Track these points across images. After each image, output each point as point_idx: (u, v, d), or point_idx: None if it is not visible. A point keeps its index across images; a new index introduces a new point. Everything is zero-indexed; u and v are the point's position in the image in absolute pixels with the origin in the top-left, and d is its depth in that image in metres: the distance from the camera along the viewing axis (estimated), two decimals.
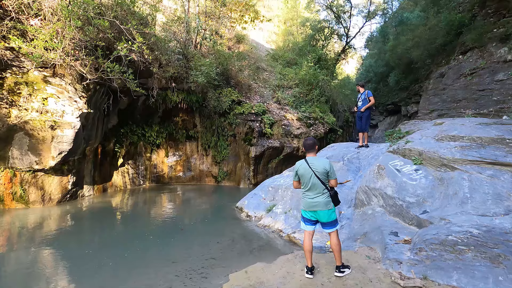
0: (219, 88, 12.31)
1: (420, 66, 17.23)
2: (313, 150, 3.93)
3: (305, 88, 15.75)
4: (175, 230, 6.57)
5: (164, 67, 10.41)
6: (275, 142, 12.84)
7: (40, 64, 7.44)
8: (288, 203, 6.80)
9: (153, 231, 6.44)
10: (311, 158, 3.87)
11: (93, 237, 6.36)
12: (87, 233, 6.63)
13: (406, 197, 4.85)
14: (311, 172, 3.76)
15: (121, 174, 11.25)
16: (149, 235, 6.14)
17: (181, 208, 8.90)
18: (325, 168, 3.74)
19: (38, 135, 7.70)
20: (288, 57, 18.73)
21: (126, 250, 5.27)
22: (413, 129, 9.01)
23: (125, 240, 5.91)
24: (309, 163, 3.80)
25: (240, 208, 8.01)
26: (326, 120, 14.98)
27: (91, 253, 5.24)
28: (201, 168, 12.93)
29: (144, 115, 11.62)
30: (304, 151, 4.05)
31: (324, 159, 3.86)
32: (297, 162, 4.03)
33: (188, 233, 6.31)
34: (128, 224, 7.24)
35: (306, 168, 3.80)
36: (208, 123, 12.56)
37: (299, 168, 3.89)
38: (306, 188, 3.85)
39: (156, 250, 5.31)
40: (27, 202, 7.91)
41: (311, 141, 3.95)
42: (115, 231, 6.73)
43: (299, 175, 3.91)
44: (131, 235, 6.28)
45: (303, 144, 4.11)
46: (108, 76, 7.81)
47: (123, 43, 7.13)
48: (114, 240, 6.01)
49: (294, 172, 4.01)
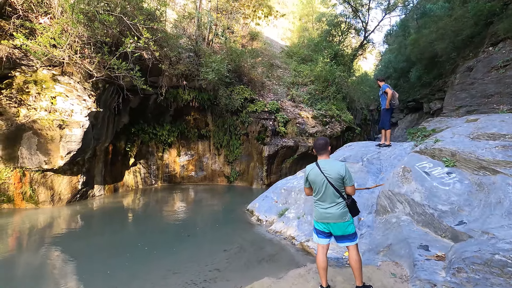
0: (231, 86, 11.85)
1: (445, 60, 16.06)
2: (325, 151, 3.35)
3: (321, 85, 15.02)
4: (182, 235, 6.15)
5: (175, 64, 10.05)
6: (289, 141, 12.25)
7: (45, 62, 7.23)
8: (301, 207, 6.22)
9: (159, 237, 6.06)
10: (323, 161, 3.29)
11: (97, 240, 6.03)
12: (92, 236, 6.31)
13: (437, 205, 4.16)
14: (323, 178, 3.19)
15: (133, 174, 11.04)
16: (155, 241, 5.75)
17: (191, 210, 8.51)
18: (340, 172, 3.16)
19: (47, 134, 7.52)
20: (303, 54, 18.01)
21: (128, 258, 4.90)
22: (440, 126, 8.18)
23: (129, 246, 5.54)
24: (321, 168, 3.23)
25: (251, 211, 7.50)
26: (343, 118, 14.22)
27: (91, 259, 4.91)
28: (213, 167, 12.53)
29: (155, 114, 11.34)
30: (315, 153, 3.48)
31: (338, 162, 3.27)
32: (307, 166, 3.46)
33: (195, 239, 5.87)
34: (135, 228, 6.91)
35: (318, 173, 3.23)
36: (220, 122, 12.14)
37: (310, 173, 3.33)
38: (318, 196, 3.29)
39: (159, 258, 4.89)
40: (37, 202, 7.77)
41: (323, 141, 3.37)
42: (120, 235, 6.38)
43: (310, 181, 3.35)
44: (135, 240, 5.91)
45: (313, 145, 3.54)
46: (115, 74, 7.50)
47: (129, 39, 6.78)
48: (118, 245, 5.66)
49: (304, 177, 3.45)
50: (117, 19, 7.14)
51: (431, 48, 16.98)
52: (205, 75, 9.96)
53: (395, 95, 7.03)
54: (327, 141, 3.38)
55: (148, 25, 7.50)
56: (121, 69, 7.33)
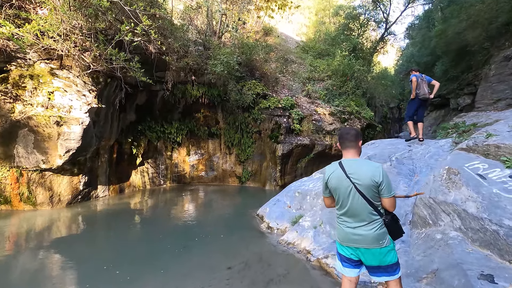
0: (242, 81, 10.97)
1: (476, 50, 14.43)
2: (354, 146, 2.39)
3: (339, 80, 13.88)
4: (181, 246, 5.31)
5: (182, 58, 9.29)
6: (304, 139, 11.22)
7: (43, 55, 6.65)
8: (318, 214, 5.23)
9: (155, 247, 5.25)
10: (350, 161, 2.32)
11: (89, 247, 5.32)
12: (86, 242, 5.62)
13: (503, 219, 3.06)
14: (350, 185, 2.23)
15: (140, 174, 10.40)
16: (149, 252, 4.95)
17: (198, 214, 7.70)
18: (374, 178, 2.17)
19: (43, 131, 6.94)
20: (320, 48, 16.88)
21: (115, 273, 4.11)
22: (482, 121, 6.93)
23: (119, 257, 4.78)
24: (347, 170, 2.25)
25: (261, 216, 6.58)
26: (363, 114, 13.01)
27: (76, 270, 4.18)
28: (224, 167, 11.71)
29: (163, 111, 10.65)
30: (339, 148, 2.49)
31: (371, 163, 2.28)
32: (327, 167, 2.49)
33: (195, 250, 4.99)
34: (131, 235, 6.13)
35: (342, 178, 2.27)
36: (231, 119, 11.28)
37: (331, 178, 2.35)
38: (343, 210, 2.33)
39: (148, 275, 4.07)
40: (35, 204, 7.21)
41: (352, 131, 2.40)
42: (112, 243, 5.63)
43: (330, 188, 2.39)
44: (128, 250, 5.14)
45: (338, 136, 2.55)
46: (112, 65, 6.80)
47: (125, 25, 6.04)
48: (108, 254, 4.91)
49: (323, 183, 2.49)
50: (114, 4, 6.41)
51: (459, 39, 15.37)
52: (213, 68, 9.12)
53: (421, 85, 6.20)
54: (358, 132, 2.41)
55: (148, 11, 6.73)
56: (118, 60, 6.61)
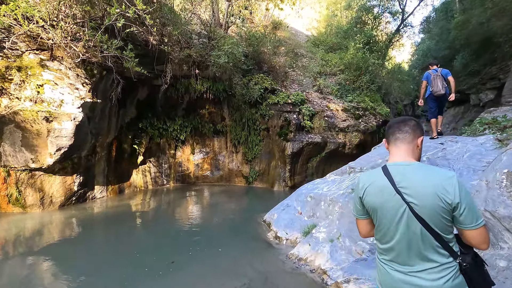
0: (249, 74, 10.13)
1: (503, 41, 13.13)
2: (409, 142, 1.49)
3: (352, 74, 12.86)
4: (172, 259, 4.53)
5: (183, 48, 8.50)
6: (316, 137, 10.30)
7: (31, 45, 5.97)
8: (335, 224, 4.34)
9: (143, 259, 4.49)
10: (400, 165, 1.45)
11: (70, 257, 4.62)
12: (78, 247, 4.95)
13: None
14: (402, 205, 1.37)
15: (142, 173, 9.71)
16: (135, 269, 4.19)
17: (200, 218, 6.92)
18: (444, 194, 1.29)
19: (32, 128, 6.29)
20: (331, 42, 15.84)
21: None
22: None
23: (100, 273, 4.04)
24: (396, 180, 1.40)
25: (268, 223, 5.73)
26: (379, 111, 11.98)
27: (67, 278, 3.46)
28: (230, 166, 10.91)
29: (166, 107, 9.92)
30: (387, 145, 1.61)
31: (438, 170, 1.38)
32: (360, 176, 1.61)
33: (186, 268, 4.20)
34: (123, 243, 5.38)
35: (387, 193, 1.41)
36: (238, 116, 10.46)
37: (368, 192, 1.50)
38: (388, 245, 1.46)
39: None
40: (24, 206, 6.59)
41: (412, 122, 1.52)
42: (99, 254, 4.92)
43: (367, 207, 1.53)
44: (114, 262, 4.41)
45: (386, 127, 1.64)
46: (103, 54, 6.06)
47: (115, 8, 5.27)
48: (88, 268, 4.18)
49: (355, 197, 1.62)
50: None
51: (483, 30, 14.08)
52: (216, 59, 8.29)
53: (435, 81, 5.84)
54: (419, 124, 1.52)
55: None
56: (110, 49, 5.86)
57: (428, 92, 6.07)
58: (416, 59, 20.34)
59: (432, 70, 6.02)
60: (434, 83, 5.85)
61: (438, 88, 5.80)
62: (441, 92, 5.78)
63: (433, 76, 5.88)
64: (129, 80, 8.56)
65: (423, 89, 6.19)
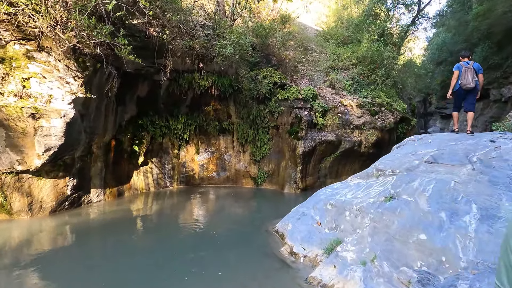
0: (257, 68, 9.27)
1: None
2: None
3: (366, 68, 11.88)
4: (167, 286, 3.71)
5: (184, 36, 7.69)
6: (329, 135, 9.38)
7: (7, 31, 5.24)
8: (366, 241, 3.45)
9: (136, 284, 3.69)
10: None
11: (61, 270, 3.88)
12: (68, 259, 4.24)
13: None
14: None
15: (143, 174, 8.96)
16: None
17: (204, 227, 6.09)
18: None
19: (16, 126, 5.56)
20: (342, 36, 14.83)
21: None
22: None
23: None
24: None
25: (281, 234, 4.88)
26: (395, 107, 11.01)
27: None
28: (237, 167, 10.07)
29: (168, 104, 9.13)
30: None
31: None
32: None
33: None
34: (116, 259, 4.63)
35: None
36: (245, 113, 9.61)
37: None
38: None
39: None
40: (10, 212, 5.88)
41: None
42: (88, 263, 4.15)
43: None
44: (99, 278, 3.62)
45: None
46: (91, 41, 5.28)
47: None
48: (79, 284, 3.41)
49: (503, 244, 0.74)
50: None
51: (506, 20, 12.92)
52: (221, 50, 7.44)
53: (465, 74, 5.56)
54: None
55: None
56: (100, 35, 5.08)
57: (457, 86, 5.74)
58: (431, 53, 19.12)
59: (463, 62, 5.70)
60: (465, 76, 5.57)
61: (468, 81, 5.51)
62: (470, 85, 5.50)
63: (464, 68, 5.59)
64: (128, 75, 7.84)
65: (454, 79, 5.77)
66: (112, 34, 5.53)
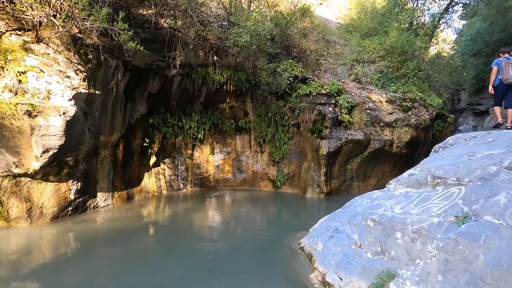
0: (276, 60, 8.29)
1: None
2: None
3: (396, 60, 10.57)
4: None
5: (197, 27, 6.84)
6: (356, 134, 8.24)
7: (2, 21, 4.59)
8: (435, 280, 2.40)
9: None
10: None
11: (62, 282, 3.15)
12: (60, 275, 3.53)
13: None
14: None
15: (155, 176, 8.24)
16: None
17: (217, 239, 5.23)
18: None
19: (11, 125, 4.93)
20: (367, 27, 13.51)
21: None
22: None
23: None
24: None
25: (308, 254, 3.89)
26: (430, 102, 9.67)
27: None
28: (254, 168, 9.15)
29: (181, 101, 8.36)
30: None
31: None
32: None
33: None
34: (121, 268, 3.86)
35: None
36: (263, 110, 8.66)
37: None
38: None
39: None
40: (7, 219, 5.28)
41: None
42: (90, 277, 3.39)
43: None
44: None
45: None
46: (85, 25, 4.52)
47: None
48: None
49: None
50: None
51: None
52: (236, 39, 6.51)
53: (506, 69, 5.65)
54: None
55: None
56: (98, 20, 4.31)
57: (497, 81, 5.82)
58: (465, 45, 17.26)
59: (503, 58, 5.82)
60: (505, 71, 5.69)
61: (509, 76, 5.63)
62: (511, 80, 5.58)
63: (505, 64, 5.72)
64: (137, 69, 7.14)
65: (493, 75, 5.88)
66: (112, 19, 4.77)
